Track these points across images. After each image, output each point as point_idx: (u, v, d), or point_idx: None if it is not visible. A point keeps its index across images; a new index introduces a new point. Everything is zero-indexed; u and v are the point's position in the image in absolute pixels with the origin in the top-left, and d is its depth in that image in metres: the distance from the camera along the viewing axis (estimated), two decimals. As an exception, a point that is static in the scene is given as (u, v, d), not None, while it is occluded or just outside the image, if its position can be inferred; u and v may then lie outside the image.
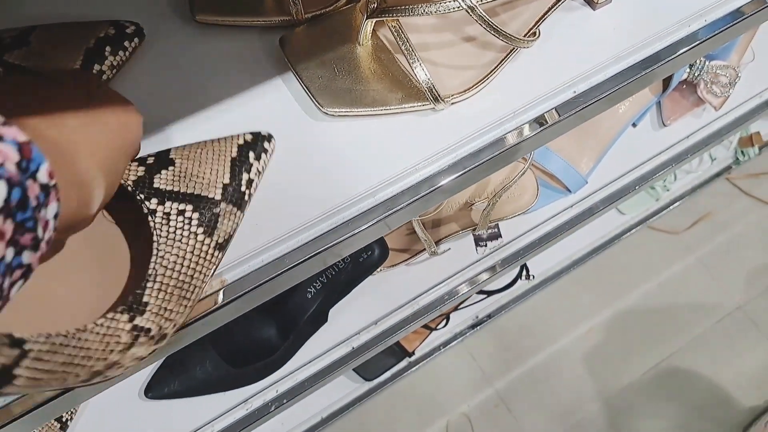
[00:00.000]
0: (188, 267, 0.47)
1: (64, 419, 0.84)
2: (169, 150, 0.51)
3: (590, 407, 1.60)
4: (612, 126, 1.09)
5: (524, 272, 1.37)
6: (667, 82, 1.10)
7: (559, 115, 0.60)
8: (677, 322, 1.70)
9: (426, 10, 0.53)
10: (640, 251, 1.76)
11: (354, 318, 1.01)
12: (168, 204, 0.47)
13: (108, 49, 0.57)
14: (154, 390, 0.90)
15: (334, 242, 0.54)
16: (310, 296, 0.92)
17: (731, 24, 0.66)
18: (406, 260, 1.03)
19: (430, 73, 0.56)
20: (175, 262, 0.46)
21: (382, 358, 1.36)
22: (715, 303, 1.73)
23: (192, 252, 0.47)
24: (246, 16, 0.61)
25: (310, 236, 0.54)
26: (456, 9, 0.52)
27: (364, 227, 0.55)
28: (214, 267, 0.50)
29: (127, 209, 0.49)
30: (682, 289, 1.74)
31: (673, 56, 0.63)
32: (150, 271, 0.45)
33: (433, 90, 0.56)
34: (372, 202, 0.55)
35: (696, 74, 1.10)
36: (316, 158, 0.57)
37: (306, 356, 0.98)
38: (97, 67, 0.56)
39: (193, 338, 0.53)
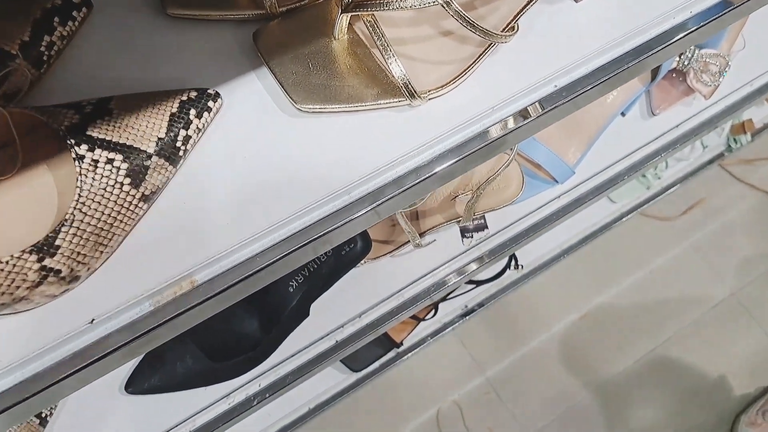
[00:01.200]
0: (109, 215, 0.49)
1: (43, 415, 0.84)
2: (110, 98, 0.52)
3: (582, 394, 1.60)
4: (600, 115, 1.07)
5: (513, 262, 1.37)
6: (656, 71, 1.08)
7: (542, 109, 0.58)
8: (670, 310, 1.69)
9: (401, 5, 0.51)
10: (632, 238, 1.74)
11: (338, 311, 1.00)
12: (98, 151, 0.48)
13: (56, 19, 0.56)
14: (135, 385, 0.89)
15: (309, 240, 0.53)
16: (291, 290, 0.91)
17: (719, 15, 0.64)
18: (390, 252, 1.01)
19: (406, 69, 0.54)
20: (95, 209, 0.48)
21: (369, 349, 1.35)
22: (708, 290, 1.72)
23: (116, 201, 0.49)
24: (218, 10, 0.59)
25: (280, 236, 0.53)
26: (432, 3, 0.51)
27: (339, 224, 0.54)
28: (138, 217, 0.51)
29: (63, 154, 0.50)
30: (675, 276, 1.73)
31: (656, 49, 0.62)
32: (67, 216, 0.47)
33: (409, 86, 0.54)
34: (347, 199, 0.54)
35: (686, 63, 1.09)
36: (289, 155, 0.55)
37: (289, 350, 0.97)
38: (47, 38, 0.55)
39: (162, 340, 0.52)
